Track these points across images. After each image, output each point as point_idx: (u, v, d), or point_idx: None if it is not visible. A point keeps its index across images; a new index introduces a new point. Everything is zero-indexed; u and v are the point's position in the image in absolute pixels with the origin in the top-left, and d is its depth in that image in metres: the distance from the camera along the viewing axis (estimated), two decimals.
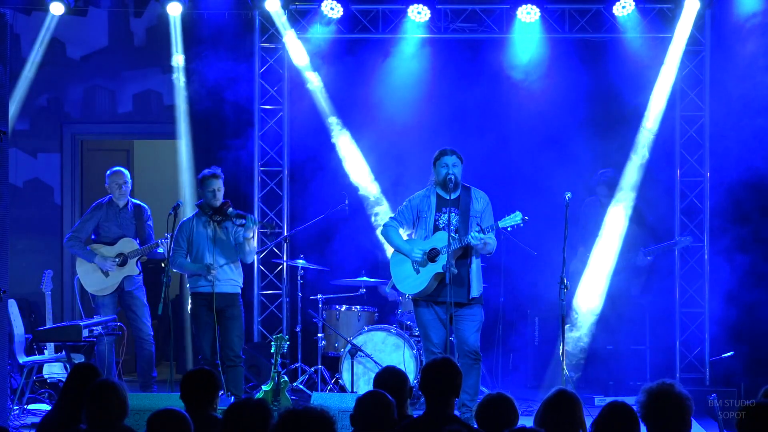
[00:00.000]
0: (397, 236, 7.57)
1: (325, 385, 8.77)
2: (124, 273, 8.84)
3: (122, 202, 8.94)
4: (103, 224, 8.92)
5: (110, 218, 8.92)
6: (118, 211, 8.93)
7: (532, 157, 9.60)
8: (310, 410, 3.84)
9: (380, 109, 9.79)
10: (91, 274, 8.86)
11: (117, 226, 8.90)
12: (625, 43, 9.60)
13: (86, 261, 8.84)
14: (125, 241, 8.86)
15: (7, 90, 6.55)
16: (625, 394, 8.74)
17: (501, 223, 7.32)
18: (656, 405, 4.17)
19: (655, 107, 9.42)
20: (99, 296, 8.85)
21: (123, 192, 8.92)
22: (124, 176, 8.99)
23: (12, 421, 7.82)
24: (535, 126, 9.64)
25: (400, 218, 7.59)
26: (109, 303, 8.87)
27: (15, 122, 10.04)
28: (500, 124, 9.66)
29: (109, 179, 8.98)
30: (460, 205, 7.41)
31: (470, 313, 7.40)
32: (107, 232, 8.91)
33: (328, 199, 9.43)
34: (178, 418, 4.29)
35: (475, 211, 7.42)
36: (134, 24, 10.47)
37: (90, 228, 8.93)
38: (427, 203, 7.48)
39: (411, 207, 7.56)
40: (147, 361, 8.94)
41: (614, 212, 9.28)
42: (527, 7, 9.41)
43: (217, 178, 8.10)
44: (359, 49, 9.86)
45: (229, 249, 8.11)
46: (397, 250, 7.58)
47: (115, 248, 8.86)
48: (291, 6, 9.65)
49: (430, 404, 4.78)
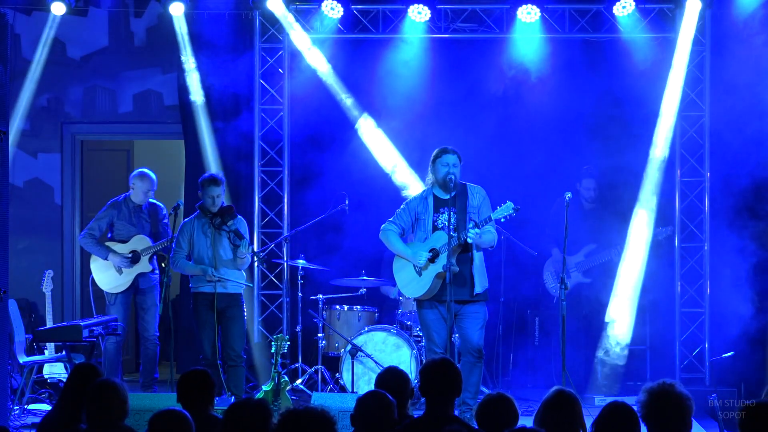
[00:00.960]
0: (398, 241, 7.57)
1: (325, 385, 8.77)
2: (137, 270, 8.86)
3: (141, 203, 8.96)
4: (118, 222, 8.94)
5: (125, 216, 8.94)
6: (134, 210, 8.95)
7: (531, 156, 9.60)
8: (310, 410, 3.84)
9: (380, 109, 9.79)
10: (105, 271, 8.89)
11: (132, 224, 8.92)
12: (625, 43, 9.60)
13: (100, 258, 8.86)
14: (138, 238, 8.88)
15: (8, 90, 6.55)
16: (625, 394, 8.76)
17: (494, 215, 7.35)
18: (657, 405, 4.17)
19: (667, 113, 9.41)
20: (112, 294, 8.88)
21: (146, 198, 8.95)
22: (152, 183, 8.98)
23: (12, 421, 7.81)
24: (534, 126, 9.65)
25: (398, 221, 7.59)
26: (123, 301, 8.89)
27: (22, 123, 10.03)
28: (500, 124, 9.65)
29: (136, 182, 8.96)
30: (457, 203, 7.42)
31: (474, 310, 7.41)
32: (121, 229, 8.93)
33: (328, 199, 9.42)
34: (180, 418, 4.29)
35: (472, 207, 7.45)
36: (134, 24, 10.48)
37: (104, 225, 8.95)
38: (425, 205, 7.50)
39: (409, 210, 7.57)
40: (150, 361, 8.95)
41: (639, 218, 9.30)
42: (527, 7, 9.41)
43: (218, 185, 8.07)
44: (359, 49, 9.87)
45: (230, 251, 8.11)
46: (398, 255, 7.59)
47: (128, 245, 8.89)
48: (291, 6, 9.65)
49: (429, 405, 4.79)
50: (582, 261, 9.24)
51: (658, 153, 9.41)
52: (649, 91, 9.45)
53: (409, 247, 7.52)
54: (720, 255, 9.31)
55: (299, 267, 9.07)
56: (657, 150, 9.41)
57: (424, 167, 9.07)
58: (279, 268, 9.83)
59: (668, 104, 9.41)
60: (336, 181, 9.59)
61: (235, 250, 8.03)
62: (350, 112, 9.82)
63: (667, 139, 9.44)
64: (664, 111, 9.41)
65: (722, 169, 9.39)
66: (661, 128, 9.41)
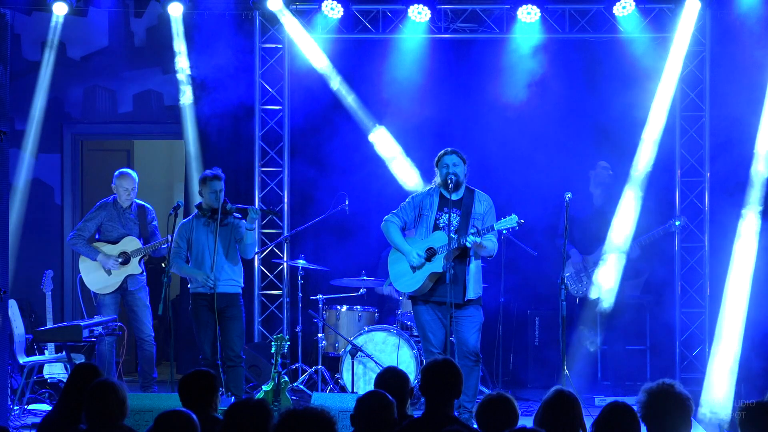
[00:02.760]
0: (397, 234, 7.55)
1: (325, 386, 8.77)
2: (126, 272, 8.84)
3: (126, 204, 8.95)
4: (107, 223, 8.92)
5: (114, 218, 8.92)
6: (122, 212, 8.93)
7: (531, 156, 9.60)
8: (310, 410, 3.84)
9: (379, 110, 9.79)
10: (94, 272, 8.86)
11: (121, 225, 8.90)
12: (626, 43, 9.60)
13: (89, 259, 8.85)
14: (128, 239, 8.87)
15: (7, 90, 6.55)
16: (625, 394, 8.76)
17: (497, 225, 7.30)
18: (657, 405, 4.17)
19: (658, 112, 9.39)
20: (101, 295, 8.86)
21: (129, 197, 8.93)
22: (132, 182, 8.96)
23: (12, 421, 7.81)
24: (534, 126, 9.64)
25: (401, 215, 7.57)
26: (111, 302, 8.87)
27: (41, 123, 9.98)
28: (500, 124, 9.65)
29: (117, 181, 8.96)
30: (462, 206, 7.39)
31: (469, 313, 7.38)
32: (110, 231, 8.91)
33: (328, 199, 9.42)
34: (186, 419, 4.28)
35: (477, 213, 7.40)
36: (134, 24, 10.48)
37: (93, 227, 8.93)
38: (430, 202, 7.47)
39: (414, 204, 7.55)
40: (148, 361, 8.94)
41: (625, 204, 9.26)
42: (527, 8, 9.41)
43: (220, 180, 8.08)
44: (360, 49, 9.87)
45: (230, 249, 8.11)
46: (395, 248, 7.58)
47: (118, 247, 8.87)
48: (291, 6, 9.65)
49: (429, 405, 4.78)
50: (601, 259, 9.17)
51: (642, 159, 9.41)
52: (650, 91, 9.44)
53: (408, 243, 7.51)
54: (720, 255, 9.30)
55: (299, 267, 9.07)
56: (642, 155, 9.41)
57: (424, 167, 9.09)
58: (279, 268, 9.83)
59: (658, 106, 9.39)
60: (336, 181, 9.60)
61: (246, 224, 8.00)
62: (350, 112, 9.82)
63: (655, 143, 9.41)
64: (653, 115, 9.39)
65: (722, 169, 9.39)
66: (647, 137, 9.39)
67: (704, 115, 9.57)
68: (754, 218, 9.07)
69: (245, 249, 8.11)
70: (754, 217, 9.08)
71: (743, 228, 9.02)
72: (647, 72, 9.50)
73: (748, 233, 9.03)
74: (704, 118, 9.57)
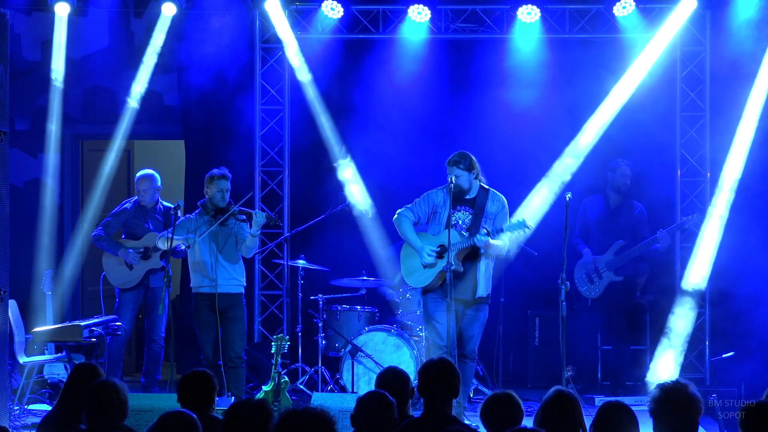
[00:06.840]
0: (410, 229, 7.59)
1: (325, 386, 8.76)
2: (147, 266, 8.91)
3: (149, 204, 8.98)
4: (132, 221, 9.00)
5: (139, 216, 9.01)
6: (148, 212, 9.00)
7: (532, 156, 9.59)
8: (310, 410, 3.84)
9: (380, 110, 9.79)
10: (116, 267, 8.98)
11: (146, 224, 8.99)
12: (626, 43, 9.59)
13: (111, 254, 8.92)
14: (150, 235, 8.92)
15: (7, 90, 6.55)
16: (625, 395, 8.76)
17: (506, 227, 7.37)
18: (668, 402, 4.19)
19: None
20: (123, 291, 8.92)
21: (150, 198, 9.00)
22: (147, 182, 9.02)
23: (12, 421, 7.81)
24: (535, 126, 9.64)
25: (415, 210, 7.61)
26: (132, 299, 8.93)
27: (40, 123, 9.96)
28: (500, 124, 9.65)
29: (137, 184, 9.09)
30: (475, 205, 7.48)
31: (475, 313, 7.49)
32: (135, 228, 8.99)
33: (328, 200, 9.42)
34: (189, 421, 4.27)
35: (489, 213, 7.48)
36: (134, 24, 10.47)
37: (118, 225, 9.02)
38: (445, 199, 7.52)
39: (429, 201, 7.61)
40: (154, 361, 8.98)
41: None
42: (527, 8, 9.41)
43: (227, 180, 8.13)
44: (360, 50, 9.86)
45: (231, 249, 8.11)
46: (408, 243, 7.62)
47: (140, 242, 8.94)
48: (291, 6, 9.65)
49: (428, 405, 4.79)
50: (612, 259, 9.16)
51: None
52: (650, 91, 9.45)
53: (420, 240, 7.54)
54: (720, 255, 9.30)
55: (299, 267, 9.07)
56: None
57: (424, 167, 9.08)
58: (279, 268, 9.83)
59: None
60: (336, 181, 9.59)
61: (250, 229, 8.00)
62: (350, 112, 9.82)
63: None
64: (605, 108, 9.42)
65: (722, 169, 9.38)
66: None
67: (704, 115, 9.57)
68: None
69: (245, 250, 8.11)
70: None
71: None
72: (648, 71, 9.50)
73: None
74: (704, 118, 9.57)
